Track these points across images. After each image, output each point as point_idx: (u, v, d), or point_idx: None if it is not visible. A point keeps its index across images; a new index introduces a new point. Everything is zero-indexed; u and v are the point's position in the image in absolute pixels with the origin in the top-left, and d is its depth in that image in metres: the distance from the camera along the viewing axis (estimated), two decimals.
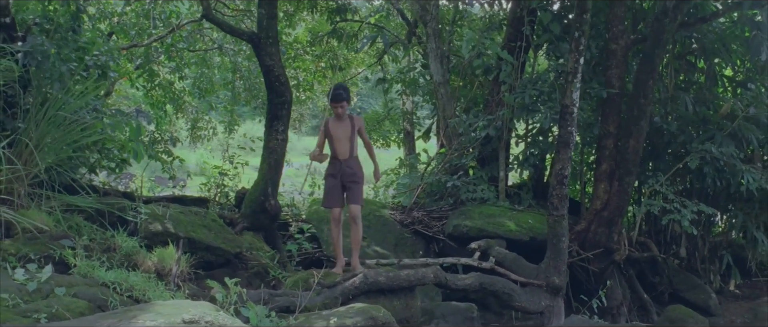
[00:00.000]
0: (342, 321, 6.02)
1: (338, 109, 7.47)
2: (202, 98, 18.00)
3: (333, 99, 7.51)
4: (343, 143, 7.53)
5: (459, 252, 9.61)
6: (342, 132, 7.53)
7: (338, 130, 7.54)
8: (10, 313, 5.40)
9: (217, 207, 9.41)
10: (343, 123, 7.56)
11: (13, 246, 6.36)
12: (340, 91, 7.51)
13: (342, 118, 7.55)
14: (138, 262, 7.00)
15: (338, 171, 7.53)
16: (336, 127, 7.55)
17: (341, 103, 7.46)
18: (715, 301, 10.51)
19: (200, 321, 4.99)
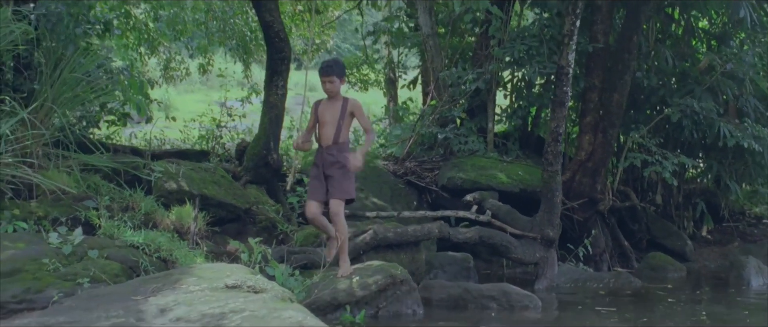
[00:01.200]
0: (364, 279, 6.38)
1: (326, 83, 6.37)
2: (176, 40, 17.89)
3: (320, 71, 6.41)
4: (327, 128, 6.43)
5: (452, 203, 10.00)
6: (330, 115, 6.43)
7: (326, 113, 6.45)
8: (52, 276, 5.64)
9: (216, 159, 9.58)
10: (334, 104, 6.44)
11: (41, 208, 6.53)
12: (329, 64, 6.47)
13: (332, 98, 6.47)
14: (157, 221, 7.23)
15: (319, 160, 6.49)
16: (325, 109, 6.48)
17: (330, 76, 6.36)
18: (690, 248, 11.11)
19: (243, 286, 5.29)
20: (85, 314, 4.80)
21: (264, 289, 5.31)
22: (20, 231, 6.18)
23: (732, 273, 9.30)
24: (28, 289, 5.47)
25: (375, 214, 9.10)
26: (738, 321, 6.57)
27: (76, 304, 5.15)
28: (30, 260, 5.68)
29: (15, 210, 6.37)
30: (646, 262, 10.34)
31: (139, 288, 5.37)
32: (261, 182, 9.11)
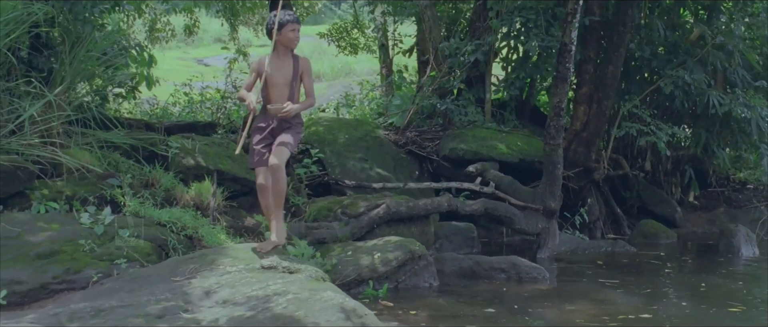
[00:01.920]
0: (385, 255, 6.67)
1: (292, 33, 5.57)
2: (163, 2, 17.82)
3: (286, 22, 5.51)
4: (279, 88, 5.65)
5: (453, 172, 10.28)
6: (281, 75, 5.63)
7: (277, 72, 5.61)
8: (88, 257, 5.87)
9: (223, 131, 9.74)
10: (284, 62, 5.63)
11: (68, 187, 6.70)
12: (287, 16, 5.55)
13: (283, 55, 5.65)
14: (177, 197, 7.43)
15: (266, 123, 5.76)
16: (275, 68, 5.60)
17: (298, 25, 5.62)
18: (680, 214, 11.51)
19: (278, 267, 5.55)
20: (131, 296, 5.04)
21: (298, 270, 5.56)
22: (52, 211, 6.36)
23: (722, 241, 9.69)
24: (67, 270, 5.69)
25: (381, 185, 9.36)
26: (735, 292, 6.93)
27: (118, 285, 5.39)
28: (66, 241, 5.89)
29: (44, 190, 6.53)
30: (638, 229, 10.72)
31: (176, 268, 5.61)
32: None
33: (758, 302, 6.46)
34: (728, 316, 5.89)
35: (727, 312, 5.99)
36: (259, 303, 4.80)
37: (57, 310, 4.69)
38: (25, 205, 6.36)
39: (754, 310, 6.05)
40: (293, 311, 4.68)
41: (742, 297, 6.68)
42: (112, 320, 4.51)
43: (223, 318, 4.57)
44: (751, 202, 12.44)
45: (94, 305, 4.74)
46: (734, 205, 12.49)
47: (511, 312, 5.87)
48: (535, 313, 5.87)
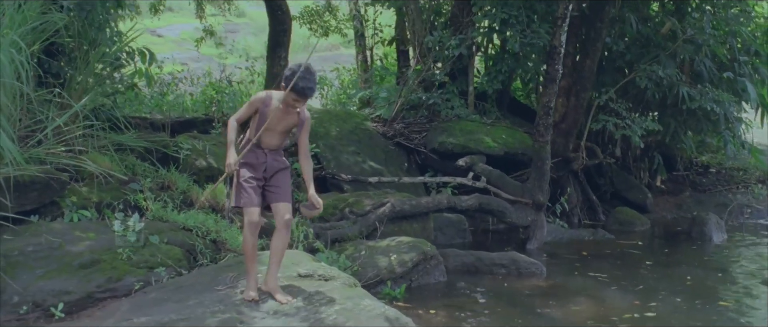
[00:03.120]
0: (401, 257, 7.09)
1: (298, 104, 5.22)
2: None
3: (300, 92, 5.07)
4: (276, 134, 5.40)
5: (441, 164, 10.75)
6: (283, 125, 5.36)
7: (279, 122, 5.32)
8: (127, 265, 6.16)
9: (220, 126, 9.98)
10: (288, 114, 5.30)
11: (93, 193, 6.95)
12: (312, 86, 5.15)
13: (290, 112, 5.31)
14: (193, 199, 7.71)
15: (262, 162, 5.39)
16: (278, 117, 5.29)
17: (298, 99, 5.16)
18: (650, 200, 12.17)
19: (314, 275, 5.93)
20: (181, 308, 5.34)
21: (333, 277, 5.96)
22: (84, 220, 6.60)
23: (694, 228, 10.35)
24: (109, 279, 5.98)
25: (377, 180, 9.75)
26: (719, 285, 7.56)
27: (164, 295, 5.70)
28: (104, 250, 6.17)
29: (72, 197, 6.77)
30: (613, 216, 11.34)
31: (216, 277, 5.94)
32: None
33: (741, 295, 7.07)
34: (722, 312, 6.46)
35: (720, 308, 6.58)
36: (310, 314, 5.18)
37: (124, 324, 5.00)
38: (57, 213, 6.59)
39: (743, 306, 6.64)
40: (343, 322, 5.09)
41: (728, 290, 7.29)
42: None
43: None
44: (715, 187, 13.17)
45: (156, 319, 5.06)
46: (699, 189, 13.21)
47: (522, 312, 6.35)
48: (544, 314, 6.35)
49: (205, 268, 6.34)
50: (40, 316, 5.59)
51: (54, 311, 5.47)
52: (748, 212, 12.35)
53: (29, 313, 5.56)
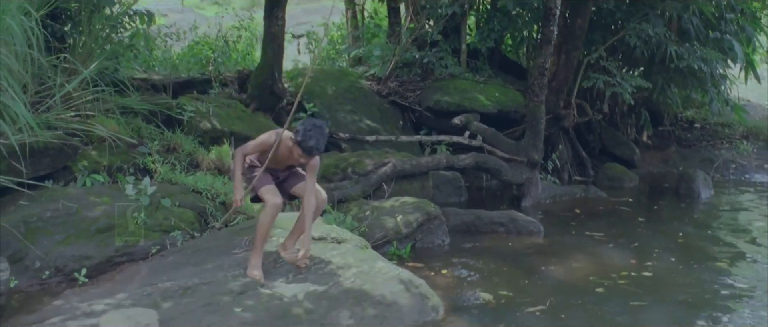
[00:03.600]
0: (406, 217, 7.29)
1: (303, 158, 5.19)
2: None
3: (307, 150, 5.09)
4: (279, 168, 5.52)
5: (435, 122, 10.93)
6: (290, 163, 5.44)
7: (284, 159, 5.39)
8: (142, 229, 6.28)
9: (218, 87, 10.05)
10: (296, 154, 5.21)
11: (104, 157, 7.03)
12: (319, 146, 5.12)
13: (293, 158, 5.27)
14: (199, 160, 7.82)
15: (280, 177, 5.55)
16: (285, 155, 5.32)
17: (302, 156, 5.16)
18: (638, 156, 12.44)
19: (327, 237, 6.12)
20: (201, 271, 5.49)
21: (345, 240, 6.15)
22: (96, 184, 6.70)
23: (682, 185, 10.63)
24: (126, 243, 6.13)
25: (375, 138, 9.90)
26: (711, 244, 7.84)
27: (183, 258, 5.86)
28: (119, 215, 6.29)
29: (83, 161, 6.85)
30: (603, 173, 11.60)
31: (231, 240, 6.10)
32: (267, 109, 9.70)
33: (733, 256, 7.35)
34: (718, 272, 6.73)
35: (715, 267, 6.85)
36: (328, 277, 5.37)
37: (148, 290, 5.16)
38: (70, 177, 6.68)
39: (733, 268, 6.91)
40: (360, 285, 5.30)
41: (720, 249, 7.57)
42: (201, 298, 5.02)
43: (301, 293, 5.13)
44: (699, 142, 13.46)
45: (179, 284, 5.22)
46: (684, 144, 13.50)
47: (526, 271, 6.57)
48: (547, 272, 6.58)
49: (221, 232, 6.49)
50: (61, 280, 5.76)
51: (77, 276, 5.62)
52: (733, 168, 12.67)
53: (51, 277, 5.72)
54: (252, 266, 5.39)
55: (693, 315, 5.51)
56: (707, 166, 12.48)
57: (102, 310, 4.87)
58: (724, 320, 5.43)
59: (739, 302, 5.88)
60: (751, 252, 7.49)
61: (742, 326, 5.33)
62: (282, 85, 9.71)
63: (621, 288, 6.07)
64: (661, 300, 5.85)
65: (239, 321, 4.77)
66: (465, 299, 5.76)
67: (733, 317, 5.51)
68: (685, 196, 10.42)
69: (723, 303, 5.83)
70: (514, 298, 5.79)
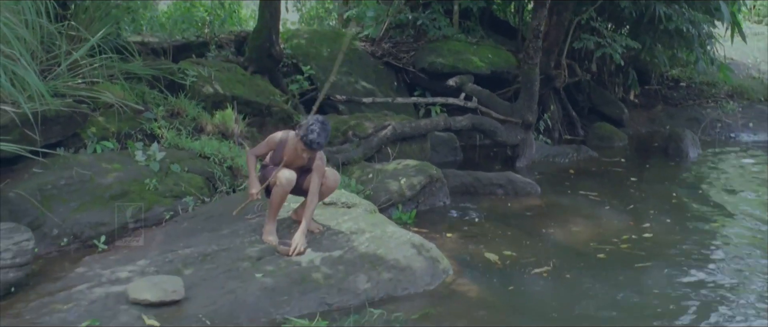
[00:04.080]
0: (409, 181, 7.46)
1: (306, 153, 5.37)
2: None
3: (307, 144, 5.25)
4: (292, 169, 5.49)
5: (429, 83, 11.07)
6: (297, 164, 5.51)
7: (292, 161, 5.48)
8: (154, 195, 6.45)
9: (215, 50, 10.08)
10: (301, 155, 5.41)
11: (111, 123, 7.10)
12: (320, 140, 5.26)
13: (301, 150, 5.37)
14: (203, 125, 7.92)
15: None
16: (292, 156, 5.45)
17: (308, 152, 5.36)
18: (626, 115, 12.67)
19: (337, 202, 6.29)
20: (217, 237, 5.66)
21: (355, 204, 6.33)
22: (106, 151, 6.79)
23: (671, 145, 10.88)
24: (139, 209, 6.26)
25: (371, 100, 10.04)
26: (704, 204, 8.10)
27: (197, 225, 6.01)
28: (132, 181, 6.42)
29: (92, 128, 6.93)
30: (593, 132, 11.83)
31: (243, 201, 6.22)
32: (264, 72, 9.76)
33: (727, 215, 7.62)
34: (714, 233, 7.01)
35: (711, 228, 7.12)
36: (343, 242, 5.55)
37: (169, 257, 5.32)
38: (79, 144, 6.75)
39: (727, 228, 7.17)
40: (374, 250, 5.48)
41: (713, 210, 7.82)
42: (222, 264, 5.19)
43: (318, 258, 5.31)
44: (685, 101, 13.70)
45: (199, 250, 5.38)
46: (670, 103, 13.73)
47: (528, 234, 6.77)
48: (549, 235, 6.79)
49: (229, 196, 6.64)
50: (78, 247, 5.88)
51: (96, 243, 5.74)
52: (718, 127, 12.94)
53: (69, 244, 5.83)
54: (267, 232, 5.58)
55: (696, 276, 5.75)
56: (693, 125, 12.75)
57: (127, 276, 5.04)
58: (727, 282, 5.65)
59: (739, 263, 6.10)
60: (744, 212, 7.76)
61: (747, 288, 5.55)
62: (279, 48, 9.77)
63: (623, 251, 6.28)
64: (663, 262, 6.08)
65: (260, 286, 4.94)
66: (472, 261, 5.95)
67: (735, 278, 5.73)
68: (674, 156, 10.67)
69: (723, 264, 6.06)
70: (519, 260, 5.99)
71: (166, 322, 4.50)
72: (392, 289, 5.23)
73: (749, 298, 5.31)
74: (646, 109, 13.53)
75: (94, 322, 4.46)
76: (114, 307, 4.63)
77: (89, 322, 4.45)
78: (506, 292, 5.34)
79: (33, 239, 5.09)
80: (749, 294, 5.40)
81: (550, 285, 5.49)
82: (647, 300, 5.27)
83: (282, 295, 4.92)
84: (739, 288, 5.52)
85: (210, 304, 4.72)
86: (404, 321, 4.77)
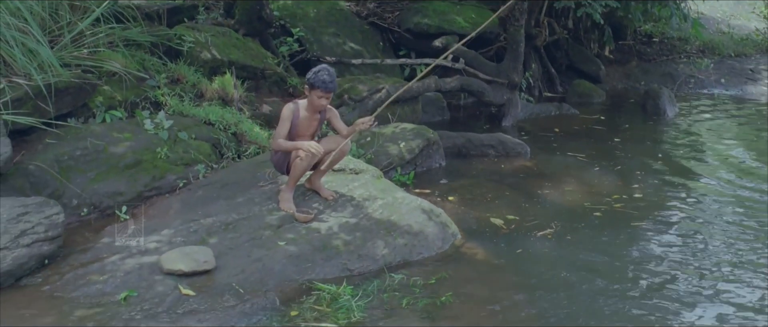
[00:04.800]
0: (408, 144, 7.73)
1: (323, 99, 5.61)
2: None
3: (323, 86, 5.52)
4: (307, 136, 5.79)
5: (414, 44, 11.30)
6: (311, 130, 5.81)
7: (306, 127, 5.75)
8: (166, 163, 6.64)
9: (204, 12, 10.13)
10: (313, 116, 5.73)
11: (117, 92, 7.22)
12: (332, 78, 5.57)
13: (312, 110, 5.71)
14: (203, 91, 8.05)
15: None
16: (304, 123, 5.72)
17: (322, 95, 5.59)
18: (603, 71, 13.03)
19: (346, 168, 6.53)
20: (234, 205, 5.87)
21: (362, 170, 6.59)
22: (115, 120, 6.92)
23: (649, 102, 11.25)
24: (153, 178, 6.47)
25: (360, 62, 10.23)
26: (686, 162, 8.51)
27: (213, 193, 6.21)
28: (144, 150, 6.60)
29: (98, 97, 7.03)
30: (573, 89, 12.18)
31: (254, 173, 6.47)
32: (255, 35, 9.86)
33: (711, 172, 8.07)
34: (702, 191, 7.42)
35: (699, 185, 7.56)
36: (357, 209, 5.82)
37: (192, 226, 5.54)
38: (88, 114, 6.87)
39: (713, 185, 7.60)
40: (388, 216, 5.77)
41: (697, 169, 8.25)
42: (245, 233, 5.43)
43: (335, 225, 5.58)
44: (659, 56, 14.08)
45: (221, 220, 5.61)
46: (644, 58, 14.11)
47: (525, 196, 7.08)
48: (544, 197, 7.10)
49: (238, 163, 6.85)
50: (97, 216, 6.07)
51: (118, 213, 5.94)
52: (692, 82, 13.37)
53: (89, 214, 6.02)
54: (284, 200, 5.81)
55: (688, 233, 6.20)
56: (667, 80, 13.16)
57: (155, 247, 5.26)
58: (718, 237, 6.09)
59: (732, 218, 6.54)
60: (728, 168, 8.21)
61: (745, 240, 6.01)
62: (270, 10, 9.86)
63: (617, 211, 6.65)
64: (657, 220, 6.48)
65: (285, 253, 5.21)
66: (478, 226, 6.26)
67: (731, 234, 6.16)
68: (652, 114, 11.05)
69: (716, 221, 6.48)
70: (522, 223, 6.32)
71: (200, 291, 4.75)
72: (408, 253, 5.52)
73: (742, 248, 5.82)
74: (621, 64, 13.89)
75: (132, 292, 4.69)
76: (148, 278, 4.86)
77: (127, 292, 4.68)
78: (514, 254, 5.65)
79: (62, 212, 5.28)
80: (742, 244, 5.92)
81: (554, 246, 5.82)
82: (647, 257, 5.66)
83: (306, 261, 5.19)
84: (733, 241, 5.99)
85: (239, 273, 4.98)
86: (423, 286, 5.06)
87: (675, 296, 4.98)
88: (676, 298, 4.94)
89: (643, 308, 4.80)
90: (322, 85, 5.52)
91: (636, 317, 4.68)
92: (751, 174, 7.94)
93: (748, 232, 6.16)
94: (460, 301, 4.86)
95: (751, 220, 6.45)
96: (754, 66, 13.95)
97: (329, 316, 4.65)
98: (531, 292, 5.03)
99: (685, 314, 4.73)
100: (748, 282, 5.20)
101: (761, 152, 8.85)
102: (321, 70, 5.55)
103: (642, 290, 5.08)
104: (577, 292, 5.02)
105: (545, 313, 4.71)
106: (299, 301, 4.81)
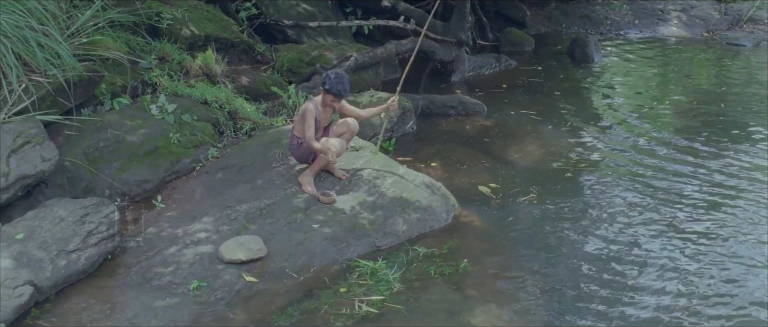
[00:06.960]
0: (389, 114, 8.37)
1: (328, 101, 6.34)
2: None
3: (337, 92, 6.22)
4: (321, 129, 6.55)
5: (362, 4, 11.83)
6: (325, 119, 6.57)
7: (324, 120, 6.53)
8: (178, 147, 7.15)
9: None
10: (327, 111, 6.50)
11: (116, 78, 7.55)
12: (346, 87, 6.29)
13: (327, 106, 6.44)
14: (188, 68, 8.45)
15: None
16: (322, 115, 6.44)
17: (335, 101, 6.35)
18: (529, 17, 13.95)
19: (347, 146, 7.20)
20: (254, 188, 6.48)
21: (361, 147, 7.29)
22: (122, 106, 7.30)
23: (577, 50, 12.28)
24: (171, 163, 6.99)
25: (317, 24, 10.75)
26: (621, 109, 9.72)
27: (233, 176, 6.79)
28: (158, 136, 7.07)
29: (102, 84, 7.38)
30: (505, 38, 13.07)
31: (264, 153, 7.06)
32: (215, 1, 10.18)
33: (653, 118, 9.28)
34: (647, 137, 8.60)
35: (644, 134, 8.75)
36: (371, 188, 6.54)
37: (230, 213, 6.15)
38: (96, 102, 7.21)
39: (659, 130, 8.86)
40: (399, 193, 6.54)
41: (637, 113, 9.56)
42: (280, 217, 6.08)
43: (356, 205, 6.32)
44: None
45: (254, 205, 6.23)
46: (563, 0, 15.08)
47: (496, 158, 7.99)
48: (513, 158, 7.98)
49: (245, 143, 7.40)
50: (128, 205, 6.56)
51: (155, 203, 6.47)
52: (608, 24, 14.48)
53: (121, 204, 6.49)
54: (306, 182, 6.50)
55: (655, 180, 7.36)
56: (586, 22, 14.22)
57: (206, 236, 5.85)
58: (685, 179, 7.36)
59: (691, 158, 7.87)
60: (667, 109, 9.55)
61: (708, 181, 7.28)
62: None
63: (583, 169, 7.67)
64: (622, 174, 7.58)
65: (322, 235, 5.92)
66: (469, 195, 7.08)
67: (691, 176, 7.44)
68: (581, 61, 12.11)
69: (678, 167, 7.71)
70: (505, 190, 7.18)
71: (260, 278, 5.45)
72: (422, 227, 6.34)
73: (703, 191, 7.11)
74: (541, 7, 14.81)
75: (201, 282, 5.33)
76: (211, 268, 5.49)
77: (198, 282, 5.32)
78: (508, 222, 6.53)
79: (117, 210, 5.80)
80: (705, 182, 7.30)
81: (540, 211, 6.72)
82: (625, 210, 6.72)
83: (341, 242, 5.93)
84: (696, 180, 7.36)
85: (288, 257, 5.68)
86: (440, 255, 5.89)
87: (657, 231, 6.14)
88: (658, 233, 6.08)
89: (639, 254, 5.90)
90: (339, 94, 6.25)
91: (637, 258, 5.80)
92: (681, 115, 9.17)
93: (705, 165, 7.63)
94: (477, 269, 5.72)
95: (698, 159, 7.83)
96: (663, 6, 15.17)
97: (373, 289, 5.43)
98: (536, 255, 5.95)
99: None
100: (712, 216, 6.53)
101: (680, 93, 10.16)
102: (338, 81, 6.21)
103: (629, 241, 6.14)
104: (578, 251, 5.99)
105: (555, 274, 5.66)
106: (344, 279, 5.57)
